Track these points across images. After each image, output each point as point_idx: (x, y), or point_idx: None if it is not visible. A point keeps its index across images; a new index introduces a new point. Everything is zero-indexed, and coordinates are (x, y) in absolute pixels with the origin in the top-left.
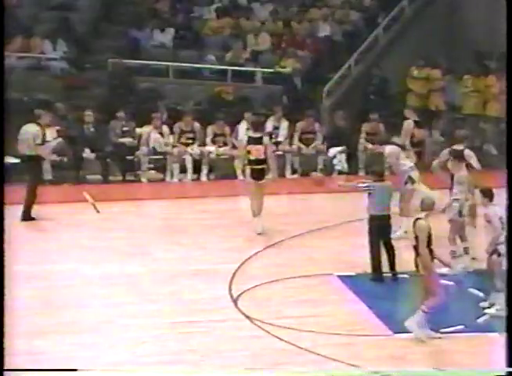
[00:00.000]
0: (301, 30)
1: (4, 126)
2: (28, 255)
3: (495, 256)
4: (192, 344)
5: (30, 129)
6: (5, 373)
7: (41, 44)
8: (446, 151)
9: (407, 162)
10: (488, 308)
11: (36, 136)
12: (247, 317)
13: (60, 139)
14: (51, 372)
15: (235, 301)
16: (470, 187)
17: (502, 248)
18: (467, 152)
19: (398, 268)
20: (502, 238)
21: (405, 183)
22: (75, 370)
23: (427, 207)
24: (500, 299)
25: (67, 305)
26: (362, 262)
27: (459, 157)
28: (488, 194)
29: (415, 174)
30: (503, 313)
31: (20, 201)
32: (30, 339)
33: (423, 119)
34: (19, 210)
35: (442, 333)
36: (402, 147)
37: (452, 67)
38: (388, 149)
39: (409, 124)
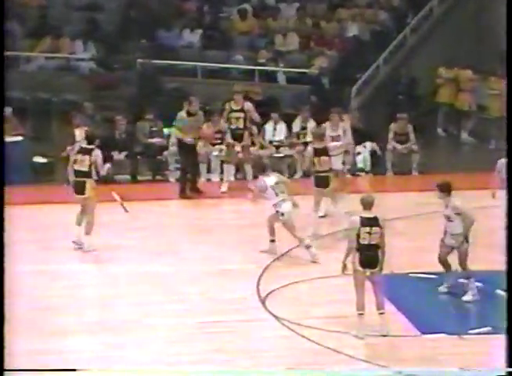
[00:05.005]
0: (330, 29)
1: (4, 126)
2: (55, 255)
3: (466, 243)
4: (220, 344)
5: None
6: (5, 373)
7: (70, 44)
8: None
9: None
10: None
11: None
12: (275, 317)
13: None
14: (50, 372)
15: (263, 301)
16: None
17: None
18: None
19: (425, 268)
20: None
21: None
22: (74, 370)
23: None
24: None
25: (95, 305)
26: (391, 262)
27: None
28: (446, 188)
29: None
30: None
31: (49, 201)
32: (58, 339)
33: (452, 119)
34: (48, 210)
35: (470, 334)
36: None
37: (480, 68)
38: None
39: None
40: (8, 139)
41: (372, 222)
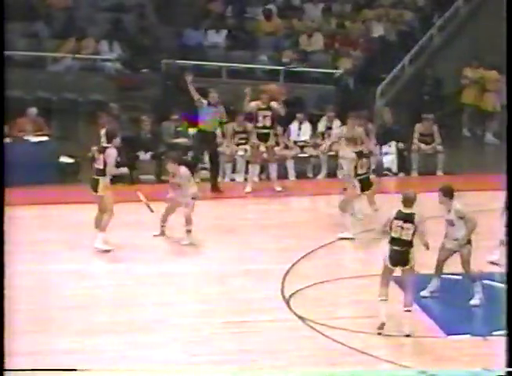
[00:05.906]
0: (355, 30)
1: (4, 126)
2: (81, 254)
3: (469, 245)
4: (244, 344)
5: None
6: (6, 373)
7: (95, 45)
8: None
9: None
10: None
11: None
12: (299, 317)
13: (118, 139)
14: (50, 372)
15: (287, 302)
16: None
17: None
18: None
19: (450, 269)
20: None
21: None
22: (74, 370)
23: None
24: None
25: (120, 305)
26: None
27: None
28: (449, 193)
29: None
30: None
31: (75, 201)
32: (82, 338)
33: (477, 120)
34: (74, 210)
35: (493, 335)
36: None
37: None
38: None
39: None
40: (34, 139)
41: (406, 217)
